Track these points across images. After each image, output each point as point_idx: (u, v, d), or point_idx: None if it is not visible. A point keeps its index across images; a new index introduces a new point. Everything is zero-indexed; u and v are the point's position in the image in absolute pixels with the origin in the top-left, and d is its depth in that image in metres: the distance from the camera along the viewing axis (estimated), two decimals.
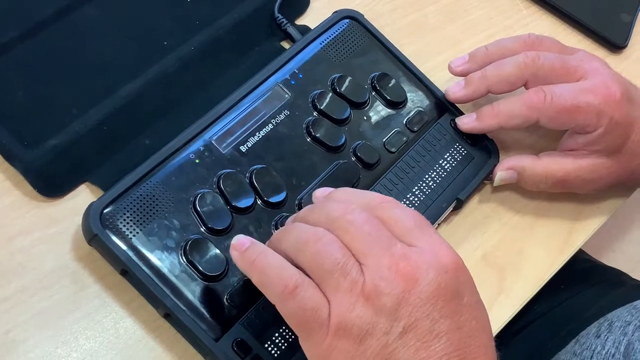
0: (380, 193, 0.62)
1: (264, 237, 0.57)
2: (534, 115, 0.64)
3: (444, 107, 0.68)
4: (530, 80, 0.65)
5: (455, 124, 0.67)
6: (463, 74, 0.68)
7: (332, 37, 0.67)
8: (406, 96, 0.67)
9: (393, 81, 0.67)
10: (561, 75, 0.64)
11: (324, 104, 0.64)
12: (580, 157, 0.66)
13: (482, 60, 0.67)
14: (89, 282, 0.56)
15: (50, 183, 0.57)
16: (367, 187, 0.62)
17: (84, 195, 0.58)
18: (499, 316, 0.64)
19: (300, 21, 0.71)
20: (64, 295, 0.55)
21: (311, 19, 0.72)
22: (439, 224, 0.65)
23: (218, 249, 0.56)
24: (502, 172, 0.66)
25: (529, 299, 0.66)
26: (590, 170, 0.65)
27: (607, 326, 0.68)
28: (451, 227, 0.66)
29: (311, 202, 0.56)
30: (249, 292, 0.55)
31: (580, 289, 0.78)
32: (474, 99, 0.67)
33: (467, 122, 0.67)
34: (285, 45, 0.70)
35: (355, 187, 0.62)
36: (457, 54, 0.71)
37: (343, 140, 0.63)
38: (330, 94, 0.64)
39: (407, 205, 0.63)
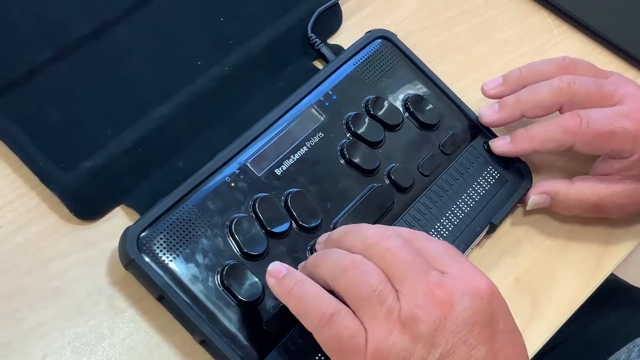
0: (414, 217, 0.62)
1: (299, 263, 0.57)
2: (570, 140, 0.63)
3: (477, 129, 0.68)
4: (565, 105, 0.64)
5: (488, 146, 0.67)
6: (496, 97, 0.67)
7: (366, 57, 0.67)
8: (439, 118, 0.67)
9: (426, 103, 0.67)
10: (597, 100, 0.64)
11: (359, 127, 0.63)
12: (615, 182, 0.65)
13: (515, 83, 0.67)
14: (124, 306, 0.56)
15: (86, 206, 0.57)
16: (401, 212, 0.62)
17: (119, 218, 0.58)
18: (532, 343, 0.63)
19: (332, 40, 0.71)
20: (100, 320, 0.55)
21: (343, 37, 0.71)
22: (472, 249, 0.64)
23: (254, 274, 0.55)
24: (535, 196, 0.66)
25: (561, 325, 0.65)
26: (625, 196, 0.65)
27: (638, 352, 0.68)
28: (483, 250, 0.66)
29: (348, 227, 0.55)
30: (285, 319, 0.55)
31: (606, 310, 0.77)
32: (508, 123, 0.67)
33: (500, 144, 0.66)
34: (318, 64, 0.69)
35: (390, 212, 0.61)
36: (487, 73, 0.71)
37: (377, 163, 0.62)
38: (365, 116, 0.64)
39: (441, 229, 0.63)
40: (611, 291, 0.83)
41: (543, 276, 0.67)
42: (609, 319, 0.76)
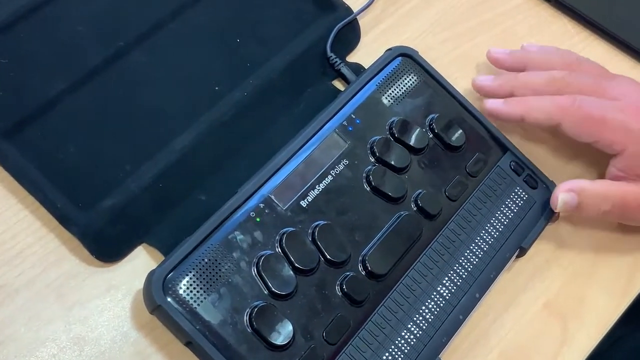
0: (443, 245, 0.60)
1: (330, 300, 0.55)
2: (559, 115, 0.63)
3: (504, 148, 0.66)
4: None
5: (515, 164, 0.65)
6: (496, 63, 0.69)
7: (387, 76, 0.65)
8: (465, 139, 0.65)
9: (451, 123, 0.65)
10: (590, 94, 0.64)
11: (384, 152, 0.61)
12: (632, 182, 0.64)
13: (520, 59, 0.68)
14: (150, 352, 0.54)
15: (107, 247, 0.55)
16: (429, 240, 0.60)
17: (141, 258, 0.56)
18: None
19: (351, 57, 0.68)
20: None
21: (362, 54, 0.69)
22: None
23: (284, 315, 0.54)
24: (564, 194, 0.64)
25: (592, 349, 0.64)
26: None
27: None
28: (512, 274, 0.64)
29: (376, 260, 0.57)
30: None
31: (635, 327, 0.76)
32: (497, 95, 0.66)
33: (493, 102, 0.65)
34: (338, 84, 0.67)
35: (418, 242, 0.59)
36: None
37: (404, 190, 0.61)
38: (390, 140, 0.62)
39: (471, 256, 0.61)
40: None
41: (573, 299, 0.65)
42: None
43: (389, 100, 0.64)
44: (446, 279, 0.59)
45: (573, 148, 0.70)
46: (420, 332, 0.57)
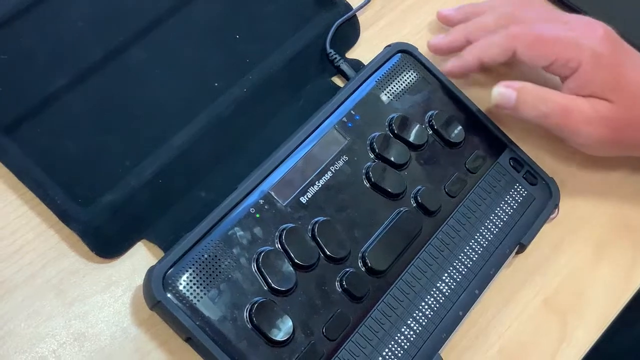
0: (443, 241, 0.60)
1: (329, 296, 0.55)
2: (512, 43, 0.63)
3: (503, 145, 0.66)
4: None
5: (515, 161, 0.65)
6: (448, 19, 0.70)
7: (386, 73, 0.65)
8: (465, 135, 0.65)
9: (451, 120, 0.65)
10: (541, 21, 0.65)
11: (384, 148, 0.61)
12: (581, 97, 0.63)
13: (468, 10, 0.69)
14: (150, 347, 0.54)
15: (107, 243, 0.55)
16: (429, 237, 0.60)
17: (140, 254, 0.56)
18: None
19: (350, 54, 0.68)
20: None
21: (361, 51, 0.69)
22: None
23: (284, 311, 0.54)
24: (502, 87, 0.64)
25: (592, 345, 0.64)
26: (590, 106, 0.62)
27: None
28: (511, 270, 0.64)
29: (375, 256, 0.57)
30: (315, 358, 0.53)
31: (634, 322, 0.76)
32: (452, 49, 0.67)
33: (448, 64, 0.66)
34: (337, 80, 0.67)
35: (417, 239, 0.59)
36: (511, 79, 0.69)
37: (404, 186, 0.60)
38: (390, 136, 0.62)
39: (470, 253, 0.61)
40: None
41: (572, 295, 0.65)
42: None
43: (388, 97, 0.64)
44: (446, 275, 0.59)
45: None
46: (420, 329, 0.57)
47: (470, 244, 0.61)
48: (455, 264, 0.60)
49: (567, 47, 0.62)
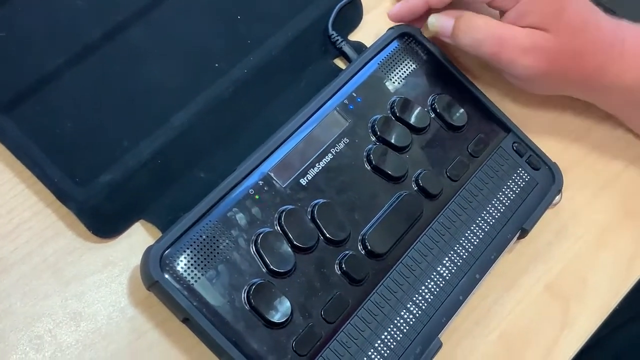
0: (444, 225, 0.60)
1: (328, 279, 0.55)
2: None
3: (506, 129, 0.65)
4: None
5: (517, 147, 0.64)
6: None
7: (389, 55, 0.64)
8: (467, 119, 0.64)
9: (453, 103, 0.64)
10: None
11: (385, 131, 0.61)
12: (518, 27, 0.62)
13: None
14: (146, 328, 0.53)
15: (105, 223, 0.55)
16: (430, 220, 0.60)
17: (138, 234, 0.56)
18: (565, 352, 0.61)
19: (353, 36, 0.68)
20: (123, 344, 0.53)
21: (364, 33, 0.68)
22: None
23: (282, 293, 0.53)
24: (438, 15, 0.63)
25: (593, 331, 0.63)
26: (527, 36, 0.61)
27: None
28: (513, 256, 0.64)
29: (376, 239, 0.56)
30: (314, 340, 0.53)
31: (635, 314, 0.75)
32: (412, 15, 0.66)
33: (394, 8, 0.65)
34: (339, 62, 0.66)
35: (418, 222, 0.59)
36: None
37: (405, 169, 0.60)
38: (391, 119, 0.61)
39: (472, 237, 0.60)
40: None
41: (574, 281, 0.65)
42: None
43: (390, 80, 0.63)
44: (446, 259, 0.59)
45: (577, 129, 0.69)
46: (420, 312, 0.56)
47: (472, 228, 0.61)
48: (456, 248, 0.59)
49: None
